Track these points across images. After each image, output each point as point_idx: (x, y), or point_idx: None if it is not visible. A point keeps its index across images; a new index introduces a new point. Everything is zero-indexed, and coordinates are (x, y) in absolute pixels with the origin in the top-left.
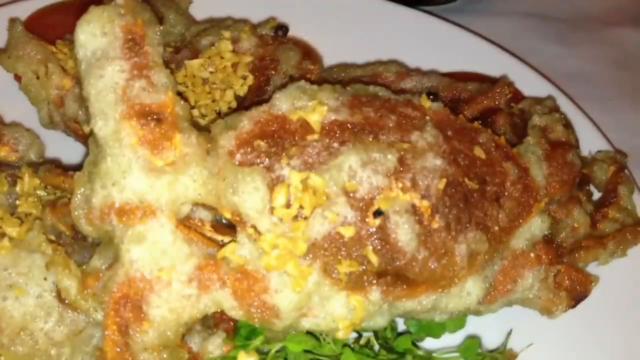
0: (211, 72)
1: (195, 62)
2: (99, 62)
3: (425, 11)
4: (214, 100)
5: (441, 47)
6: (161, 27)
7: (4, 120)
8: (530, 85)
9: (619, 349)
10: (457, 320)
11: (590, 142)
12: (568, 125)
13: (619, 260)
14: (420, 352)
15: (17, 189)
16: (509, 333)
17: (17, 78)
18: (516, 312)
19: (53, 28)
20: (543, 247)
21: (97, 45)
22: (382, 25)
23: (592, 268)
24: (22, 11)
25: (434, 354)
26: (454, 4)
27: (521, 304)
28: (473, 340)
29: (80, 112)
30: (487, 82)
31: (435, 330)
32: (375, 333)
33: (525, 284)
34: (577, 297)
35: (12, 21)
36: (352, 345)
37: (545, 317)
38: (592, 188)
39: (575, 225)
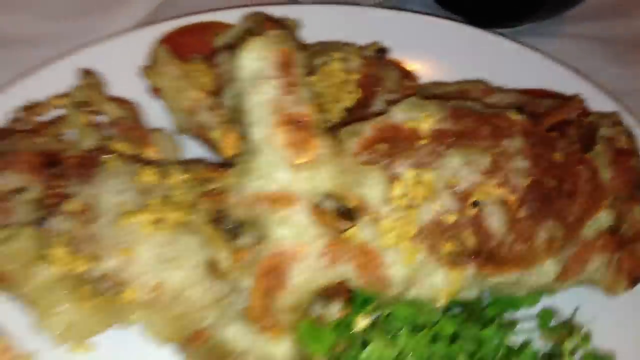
0: (323, 88)
1: (311, 79)
2: (256, 80)
3: (500, 33)
4: (326, 112)
5: (514, 66)
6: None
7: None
8: (594, 100)
9: None
10: (533, 297)
11: None
12: (631, 136)
13: None
14: (504, 319)
15: (166, 182)
16: (576, 309)
17: (154, 90)
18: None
19: (179, 47)
20: (608, 236)
21: (255, 67)
22: (464, 47)
23: None
24: (154, 34)
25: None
26: (525, 26)
27: (588, 284)
28: (547, 311)
29: (208, 120)
30: (557, 98)
31: (514, 304)
32: (465, 304)
33: (593, 266)
34: (634, 279)
35: (158, 43)
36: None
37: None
38: None
39: (635, 221)
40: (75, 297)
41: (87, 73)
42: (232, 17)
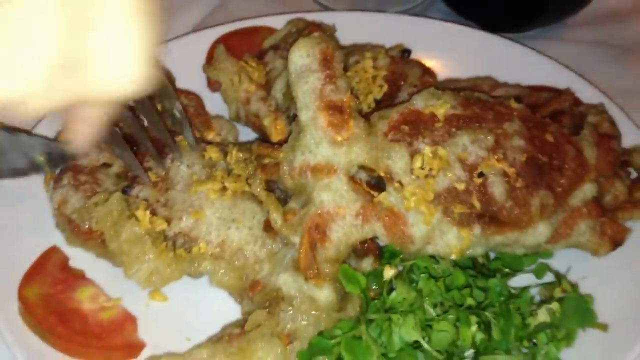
0: (356, 82)
1: (346, 74)
2: (304, 73)
3: (508, 37)
4: (359, 102)
5: (519, 66)
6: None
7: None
8: (589, 95)
9: None
10: (531, 258)
11: (635, 140)
12: (613, 123)
13: None
14: (507, 271)
15: (227, 159)
16: (569, 268)
17: (210, 84)
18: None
19: (233, 48)
20: (593, 205)
21: (303, 63)
22: (476, 49)
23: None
24: (211, 36)
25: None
26: (531, 31)
27: (576, 247)
28: (542, 265)
29: (260, 109)
30: (556, 92)
31: (516, 263)
32: (473, 261)
33: (580, 230)
34: (616, 242)
35: (217, 44)
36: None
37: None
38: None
39: (617, 193)
40: (155, 251)
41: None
42: (277, 22)
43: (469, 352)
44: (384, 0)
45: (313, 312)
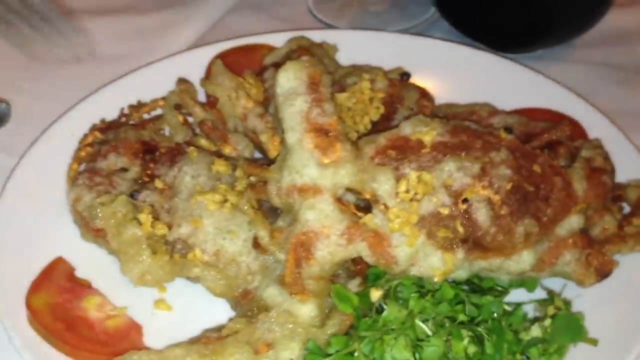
0: (354, 103)
1: (343, 95)
2: (291, 95)
3: (510, 58)
4: (355, 123)
5: (521, 87)
6: (329, 75)
7: None
8: (590, 118)
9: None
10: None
11: (636, 164)
12: (607, 158)
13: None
14: (499, 288)
15: (236, 173)
16: (564, 285)
17: (209, 100)
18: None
19: (232, 64)
20: (579, 236)
21: (290, 85)
22: (477, 69)
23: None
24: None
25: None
26: (538, 52)
27: (562, 276)
28: (533, 279)
29: (257, 125)
30: (557, 117)
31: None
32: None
33: (565, 260)
34: (602, 274)
35: (215, 60)
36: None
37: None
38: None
39: (605, 227)
40: (152, 253)
41: (182, 81)
42: (278, 40)
43: None
44: (386, 18)
45: (289, 325)
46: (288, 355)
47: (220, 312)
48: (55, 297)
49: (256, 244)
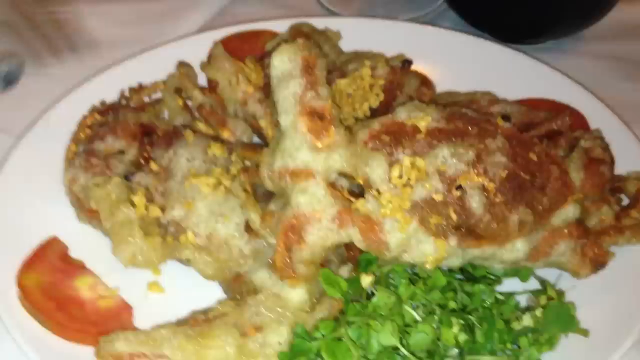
0: (354, 90)
1: (343, 82)
2: (285, 78)
3: (516, 49)
4: (354, 110)
5: (526, 78)
6: (324, 59)
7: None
8: (594, 109)
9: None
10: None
11: (637, 156)
12: (606, 149)
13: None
14: (492, 277)
15: (232, 157)
16: (559, 276)
17: (210, 84)
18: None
19: (235, 50)
20: (575, 226)
21: (285, 68)
22: (482, 59)
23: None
24: (213, 38)
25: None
26: (546, 44)
27: (557, 267)
28: (527, 269)
29: (257, 111)
30: (560, 108)
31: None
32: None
33: (559, 250)
34: (597, 265)
35: (216, 44)
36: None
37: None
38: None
39: (603, 217)
40: (144, 234)
41: (183, 64)
42: (282, 26)
43: (454, 352)
44: (394, 7)
45: (278, 309)
46: (276, 339)
47: (212, 296)
48: (47, 276)
49: (248, 228)
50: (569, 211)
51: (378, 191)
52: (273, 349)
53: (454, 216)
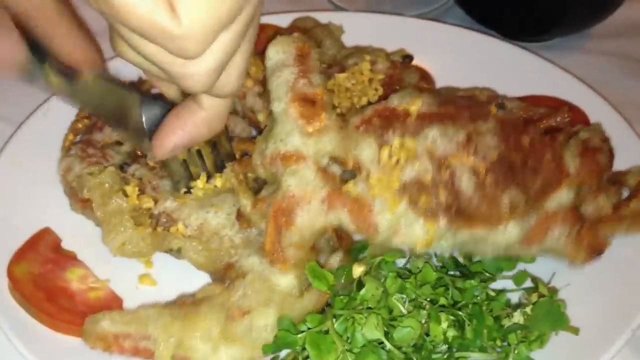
0: (352, 84)
1: (342, 75)
2: (279, 67)
3: (522, 46)
4: (352, 104)
5: (530, 75)
6: (319, 50)
7: None
8: (596, 107)
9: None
10: (512, 264)
11: (638, 156)
12: (605, 140)
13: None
14: (487, 274)
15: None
16: (553, 274)
17: None
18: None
19: None
20: (569, 212)
21: (279, 58)
22: (486, 55)
23: None
24: None
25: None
26: (553, 41)
27: (553, 253)
28: (522, 273)
29: (255, 104)
30: (561, 105)
31: (497, 268)
32: (455, 262)
33: (553, 235)
34: (593, 252)
35: None
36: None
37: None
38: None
39: (600, 206)
40: (132, 223)
41: None
42: (284, 20)
43: (443, 348)
44: (401, 3)
45: (265, 292)
46: (263, 322)
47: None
48: (38, 267)
49: (239, 216)
50: (562, 195)
51: (367, 173)
52: (259, 332)
53: (443, 197)
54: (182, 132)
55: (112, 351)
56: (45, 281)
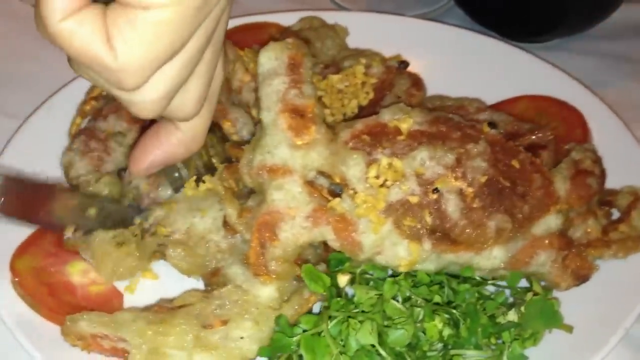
0: (345, 86)
1: (335, 77)
2: (270, 75)
3: (522, 47)
4: (342, 106)
5: (524, 75)
6: (317, 48)
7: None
8: (593, 109)
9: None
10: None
11: (634, 156)
12: (597, 161)
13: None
14: (478, 279)
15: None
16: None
17: None
18: None
19: (238, 41)
20: (556, 237)
21: (271, 65)
22: (485, 56)
23: None
24: None
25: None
26: (553, 42)
27: (538, 277)
28: (517, 273)
29: (250, 100)
30: (559, 105)
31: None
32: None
33: (539, 260)
34: (579, 278)
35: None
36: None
37: None
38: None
39: (588, 230)
40: (117, 244)
41: None
42: (287, 19)
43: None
44: (402, 3)
45: (243, 303)
46: (239, 333)
47: (203, 284)
48: (40, 261)
49: (226, 223)
50: (551, 221)
51: (354, 190)
52: (234, 343)
53: (429, 219)
54: (158, 151)
55: (92, 350)
56: (47, 275)
